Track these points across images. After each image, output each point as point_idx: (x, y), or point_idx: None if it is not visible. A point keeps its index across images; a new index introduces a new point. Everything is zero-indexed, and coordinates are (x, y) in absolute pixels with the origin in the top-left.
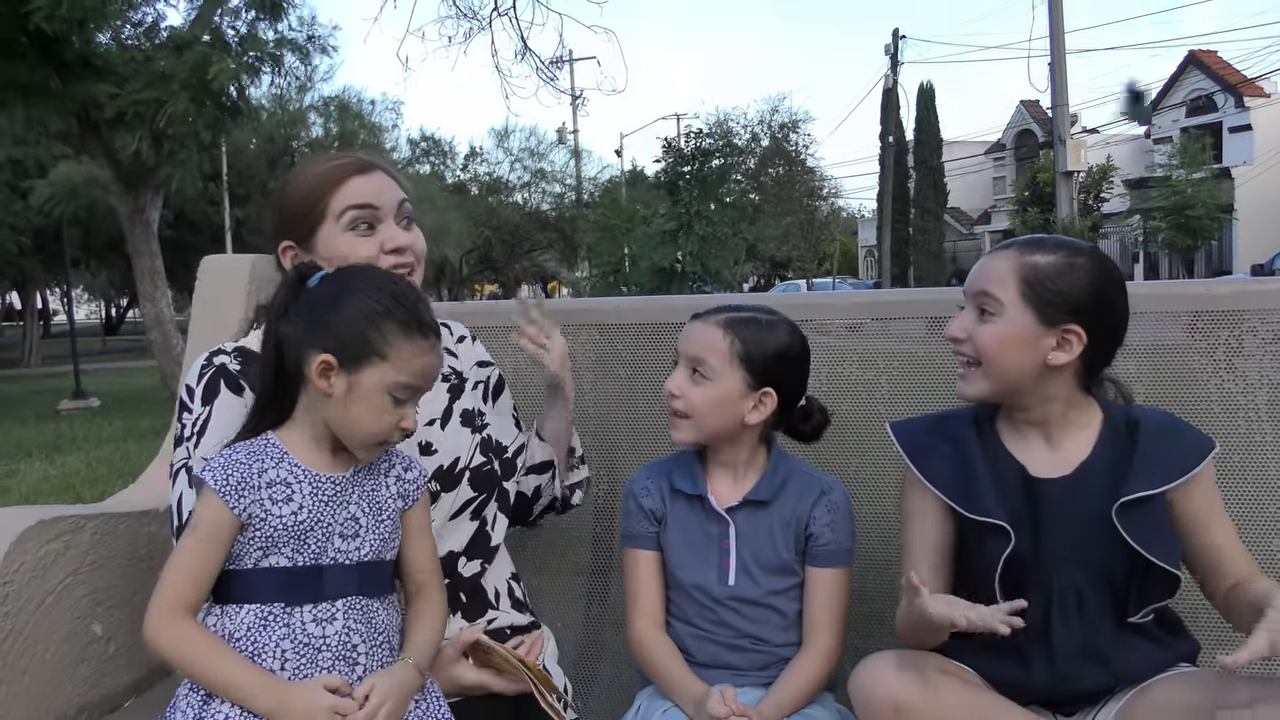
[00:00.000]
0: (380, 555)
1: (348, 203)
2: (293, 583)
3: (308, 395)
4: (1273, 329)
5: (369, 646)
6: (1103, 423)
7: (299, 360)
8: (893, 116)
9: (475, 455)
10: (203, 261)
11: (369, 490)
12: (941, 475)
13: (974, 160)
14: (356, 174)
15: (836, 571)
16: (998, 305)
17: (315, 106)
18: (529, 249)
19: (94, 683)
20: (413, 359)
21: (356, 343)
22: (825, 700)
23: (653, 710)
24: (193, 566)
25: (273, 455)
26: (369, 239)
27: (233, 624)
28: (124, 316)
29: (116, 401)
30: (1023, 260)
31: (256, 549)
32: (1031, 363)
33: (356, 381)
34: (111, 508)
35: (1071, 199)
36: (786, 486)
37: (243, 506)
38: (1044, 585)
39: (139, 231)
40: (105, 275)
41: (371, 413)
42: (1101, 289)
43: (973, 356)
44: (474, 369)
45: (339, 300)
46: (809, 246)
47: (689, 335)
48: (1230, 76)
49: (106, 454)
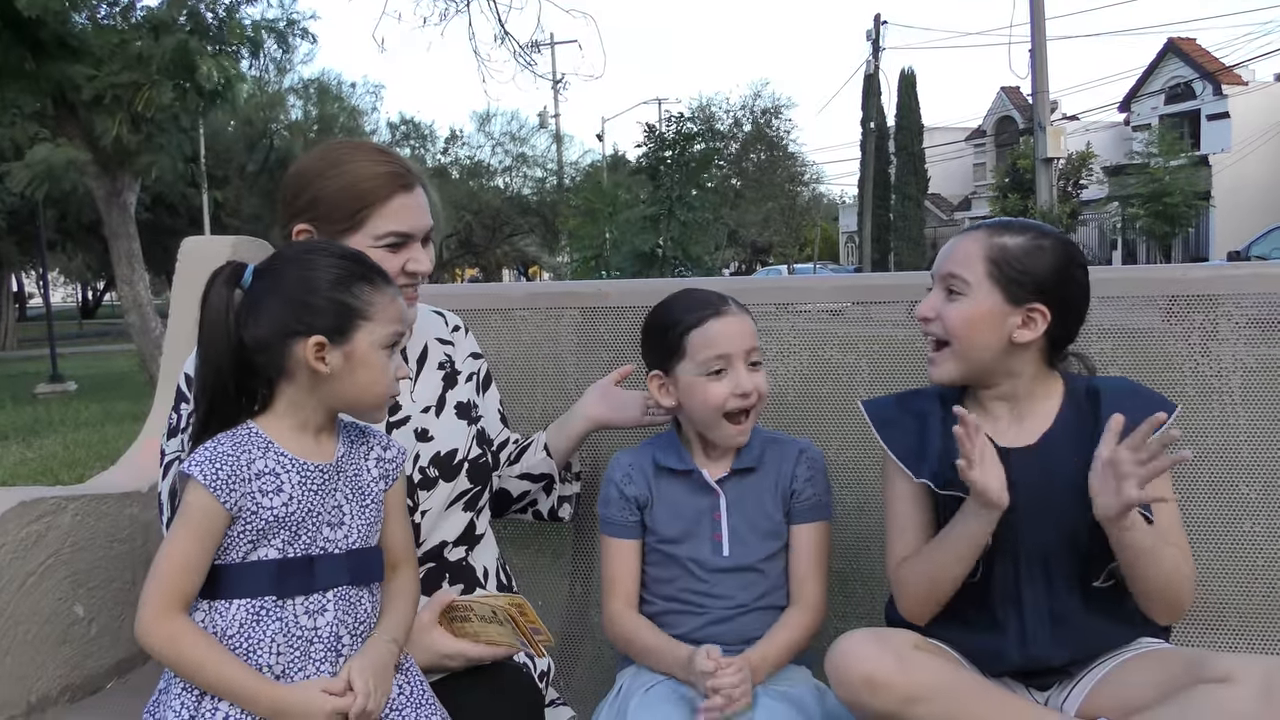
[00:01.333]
0: (368, 541)
1: (390, 228)
2: (284, 575)
3: (292, 385)
4: (1247, 313)
5: (352, 638)
6: (1065, 394)
7: (279, 355)
8: (874, 102)
9: (473, 448)
10: (183, 243)
11: (352, 475)
12: (902, 444)
13: (955, 146)
14: (402, 191)
15: (818, 525)
16: (965, 285)
17: (295, 89)
18: (510, 233)
19: (76, 664)
20: (389, 306)
21: (339, 313)
22: (803, 676)
23: (634, 689)
24: (183, 562)
25: (259, 445)
26: (394, 255)
27: (224, 620)
28: (101, 300)
29: (94, 385)
30: (990, 241)
31: (246, 542)
32: (998, 340)
33: (351, 350)
34: (93, 489)
35: (1051, 186)
36: (766, 453)
37: (233, 500)
38: (1012, 550)
39: (116, 214)
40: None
41: (375, 373)
42: (1065, 269)
43: (941, 336)
44: (467, 360)
45: (300, 281)
46: (790, 232)
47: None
48: (1209, 64)
49: (84, 437)
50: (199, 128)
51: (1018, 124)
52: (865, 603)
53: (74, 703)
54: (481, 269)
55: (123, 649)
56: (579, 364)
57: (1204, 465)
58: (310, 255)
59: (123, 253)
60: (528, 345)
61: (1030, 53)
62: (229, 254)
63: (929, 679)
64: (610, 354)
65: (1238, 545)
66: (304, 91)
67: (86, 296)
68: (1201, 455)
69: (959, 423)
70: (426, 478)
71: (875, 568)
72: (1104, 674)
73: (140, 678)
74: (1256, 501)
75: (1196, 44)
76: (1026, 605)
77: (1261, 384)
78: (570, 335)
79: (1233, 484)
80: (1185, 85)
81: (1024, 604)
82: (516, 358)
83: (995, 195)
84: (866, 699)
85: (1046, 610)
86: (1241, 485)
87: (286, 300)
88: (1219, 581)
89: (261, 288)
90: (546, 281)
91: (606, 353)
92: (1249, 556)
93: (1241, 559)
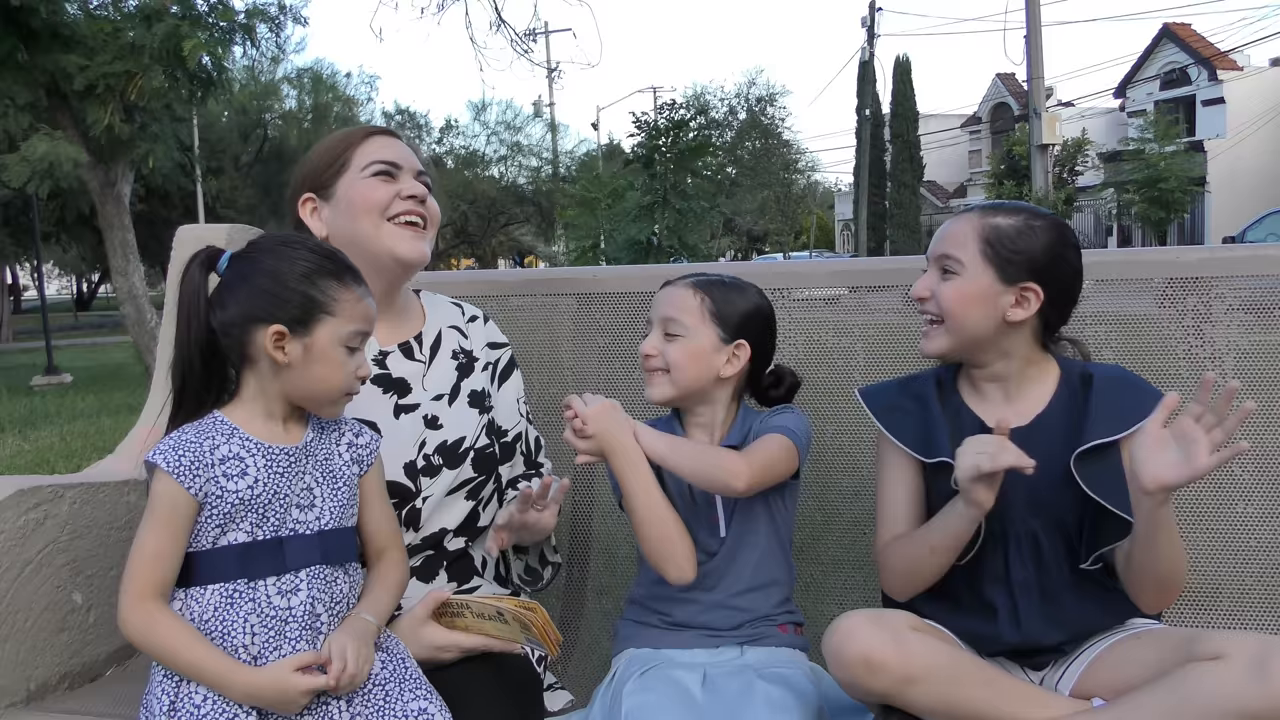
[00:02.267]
0: (340, 522)
1: (372, 157)
2: (253, 556)
3: (256, 373)
4: (1241, 296)
5: (330, 616)
6: (1059, 378)
7: (242, 340)
8: (869, 89)
9: (481, 436)
10: (178, 231)
11: (322, 459)
12: (905, 430)
13: (950, 134)
14: (381, 134)
15: (772, 435)
16: (959, 265)
17: (289, 79)
18: (505, 223)
19: (75, 651)
20: (356, 304)
21: (302, 305)
22: (799, 659)
23: (630, 673)
24: (154, 550)
25: (222, 432)
26: (388, 184)
27: (199, 606)
28: (96, 292)
29: (90, 377)
30: (984, 222)
31: (214, 527)
32: (991, 318)
33: (311, 343)
34: (90, 477)
35: (1046, 172)
36: (753, 431)
37: (198, 486)
38: (1002, 531)
39: (110, 205)
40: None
41: (332, 369)
42: (1058, 249)
43: (936, 314)
44: (484, 349)
45: (269, 270)
46: (785, 220)
47: (660, 301)
48: (1204, 50)
49: (81, 429)
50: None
51: (1013, 110)
52: (861, 587)
53: (73, 690)
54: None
55: (121, 637)
56: (574, 350)
57: None
58: (284, 246)
59: (117, 244)
60: (524, 332)
61: (1025, 39)
62: (224, 242)
63: (926, 659)
64: (606, 340)
65: (1231, 528)
66: (298, 81)
67: (81, 288)
68: None
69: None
70: (430, 465)
71: (870, 553)
72: (1098, 653)
73: (139, 664)
74: (1250, 484)
75: (1192, 29)
76: (1016, 586)
77: (1255, 367)
78: (566, 322)
79: (1226, 467)
80: (1180, 71)
81: (1014, 584)
82: (512, 344)
83: (991, 182)
84: (864, 679)
85: (1037, 590)
86: (1235, 468)
87: (254, 287)
88: (1212, 563)
89: (234, 273)
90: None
91: (602, 338)
92: (1242, 539)
93: (1235, 541)
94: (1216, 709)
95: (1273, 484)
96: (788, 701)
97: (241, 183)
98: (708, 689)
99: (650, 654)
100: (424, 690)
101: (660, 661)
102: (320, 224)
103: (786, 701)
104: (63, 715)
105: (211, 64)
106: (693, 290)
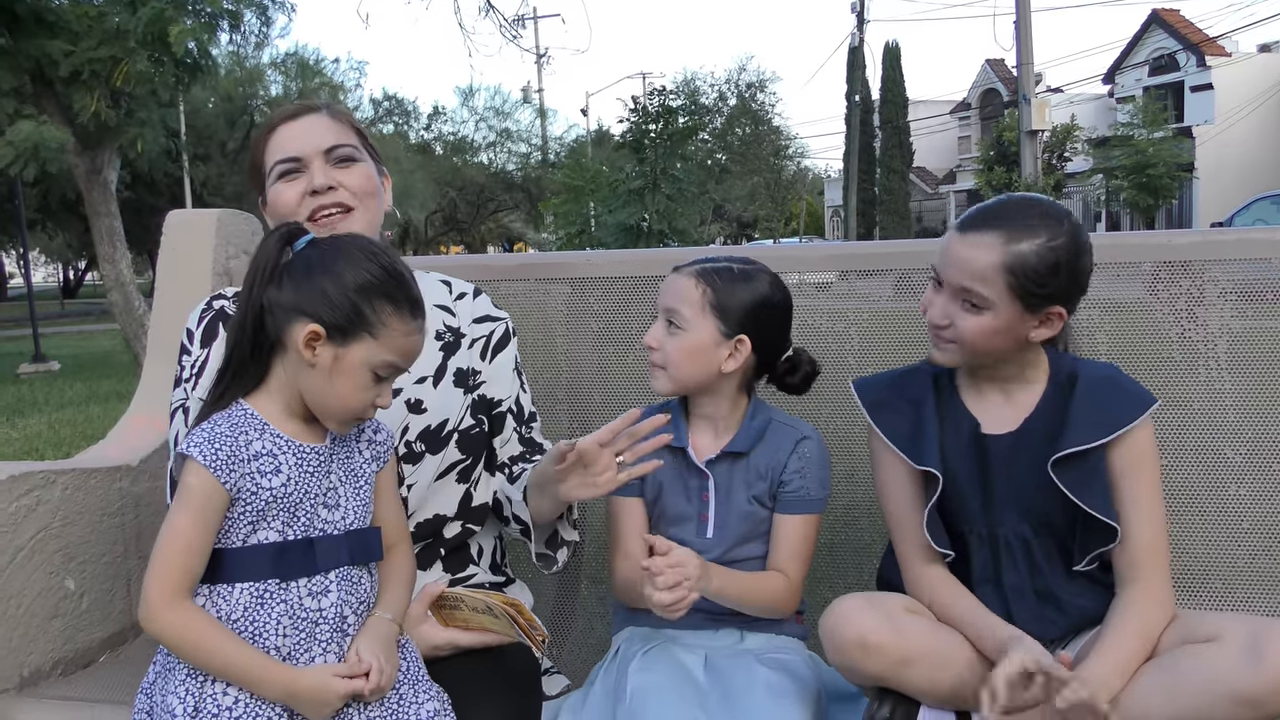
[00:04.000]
0: (364, 521)
1: (275, 158)
2: (286, 557)
3: (285, 363)
4: (1233, 278)
5: (356, 617)
6: (1049, 378)
7: (281, 326)
8: (859, 76)
9: (465, 417)
10: (168, 216)
11: (344, 458)
12: (897, 430)
13: (939, 119)
14: (284, 123)
15: (799, 518)
16: (985, 300)
17: (275, 64)
18: (494, 209)
19: (68, 638)
20: (402, 338)
21: (348, 315)
22: (796, 647)
23: (633, 652)
24: (186, 544)
25: (255, 426)
26: (294, 184)
27: (228, 605)
28: (82, 279)
29: (77, 365)
30: (1008, 250)
31: (246, 524)
32: (1014, 343)
33: (343, 355)
34: (82, 464)
35: (1036, 158)
36: (765, 436)
37: (233, 481)
38: (991, 534)
39: (97, 192)
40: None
41: (353, 388)
42: (1080, 264)
43: (953, 340)
44: (471, 325)
45: (332, 269)
46: (775, 206)
47: (665, 288)
48: (1193, 35)
49: (69, 416)
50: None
51: (1002, 96)
52: (854, 571)
53: (66, 676)
54: (466, 245)
55: (114, 623)
56: (568, 336)
57: (1190, 431)
58: (360, 251)
59: (104, 231)
60: (516, 316)
61: (1015, 25)
62: (214, 227)
63: (921, 641)
64: (599, 324)
65: (1223, 509)
66: (284, 66)
67: (68, 276)
68: (1188, 421)
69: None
70: (413, 452)
71: (864, 537)
72: (1092, 636)
73: (132, 650)
74: (1242, 466)
75: (1180, 15)
76: (1009, 590)
77: (1247, 350)
78: (559, 307)
79: (1218, 449)
80: (1169, 57)
81: (1006, 588)
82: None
83: (980, 168)
84: (860, 661)
85: (1031, 593)
86: (1227, 450)
87: (313, 280)
88: (1203, 545)
89: (303, 258)
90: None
91: (596, 323)
92: (1234, 520)
93: (1226, 523)
94: (1211, 690)
95: (1263, 466)
96: (787, 687)
97: (228, 169)
98: (709, 672)
99: (652, 632)
100: (435, 691)
101: (663, 640)
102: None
103: (786, 687)
104: (56, 701)
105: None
106: (695, 280)
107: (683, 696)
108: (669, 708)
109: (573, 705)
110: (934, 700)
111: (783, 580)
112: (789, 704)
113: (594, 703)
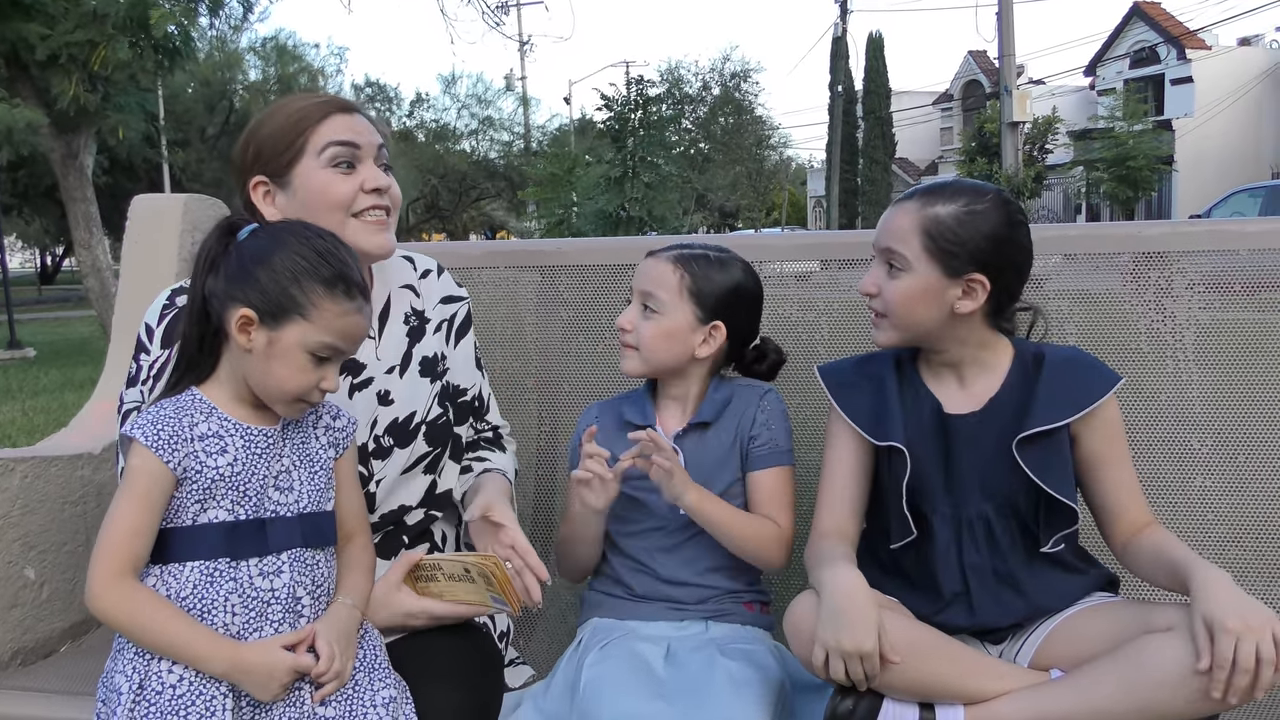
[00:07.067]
0: (319, 505)
1: (330, 138)
2: (236, 536)
3: (230, 350)
4: (1202, 270)
5: (312, 599)
6: (1013, 359)
7: (221, 314)
8: (842, 66)
9: (433, 407)
10: (134, 201)
11: (299, 443)
12: (859, 408)
13: (922, 110)
14: (339, 111)
15: (774, 471)
16: (903, 260)
17: (254, 49)
18: (476, 198)
19: (27, 627)
20: (336, 319)
21: (279, 299)
22: (762, 638)
23: (593, 644)
24: (130, 525)
25: (201, 409)
26: (349, 177)
27: (178, 583)
28: (60, 265)
29: (53, 352)
30: (924, 213)
31: (194, 502)
32: (939, 313)
33: (277, 338)
34: (42, 451)
35: (1017, 150)
36: (730, 404)
37: (177, 460)
38: (954, 514)
39: (73, 177)
40: (39, 223)
41: (291, 371)
42: (1004, 234)
43: (882, 310)
44: (437, 307)
45: (265, 255)
46: (757, 196)
47: (641, 271)
48: (1173, 28)
49: (43, 404)
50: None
51: (984, 88)
52: None
53: (25, 666)
54: (448, 233)
55: (75, 612)
56: (538, 324)
57: (1158, 422)
58: (292, 236)
59: (80, 217)
60: (487, 304)
61: (997, 16)
62: (181, 212)
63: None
64: (570, 313)
65: (1190, 501)
66: (263, 51)
67: (45, 262)
68: (1155, 412)
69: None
70: (381, 447)
71: None
72: (1055, 626)
73: (94, 640)
74: (1209, 457)
75: (1161, 8)
76: (970, 569)
77: (1215, 342)
78: (529, 295)
79: (1185, 440)
80: (1150, 49)
81: (967, 568)
82: (475, 316)
83: (962, 160)
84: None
85: (990, 574)
86: (1194, 441)
87: (245, 267)
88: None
89: (241, 247)
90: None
91: (566, 311)
92: (1200, 512)
93: (1193, 514)
94: (1171, 678)
95: (1230, 457)
96: (749, 677)
97: (207, 155)
98: (670, 663)
99: (614, 624)
100: (393, 679)
101: (624, 633)
102: (274, 210)
103: (748, 677)
104: (16, 692)
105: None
106: (674, 265)
107: (638, 687)
108: (623, 699)
109: (535, 695)
110: (901, 694)
111: (773, 526)
112: (750, 694)
113: (555, 693)
